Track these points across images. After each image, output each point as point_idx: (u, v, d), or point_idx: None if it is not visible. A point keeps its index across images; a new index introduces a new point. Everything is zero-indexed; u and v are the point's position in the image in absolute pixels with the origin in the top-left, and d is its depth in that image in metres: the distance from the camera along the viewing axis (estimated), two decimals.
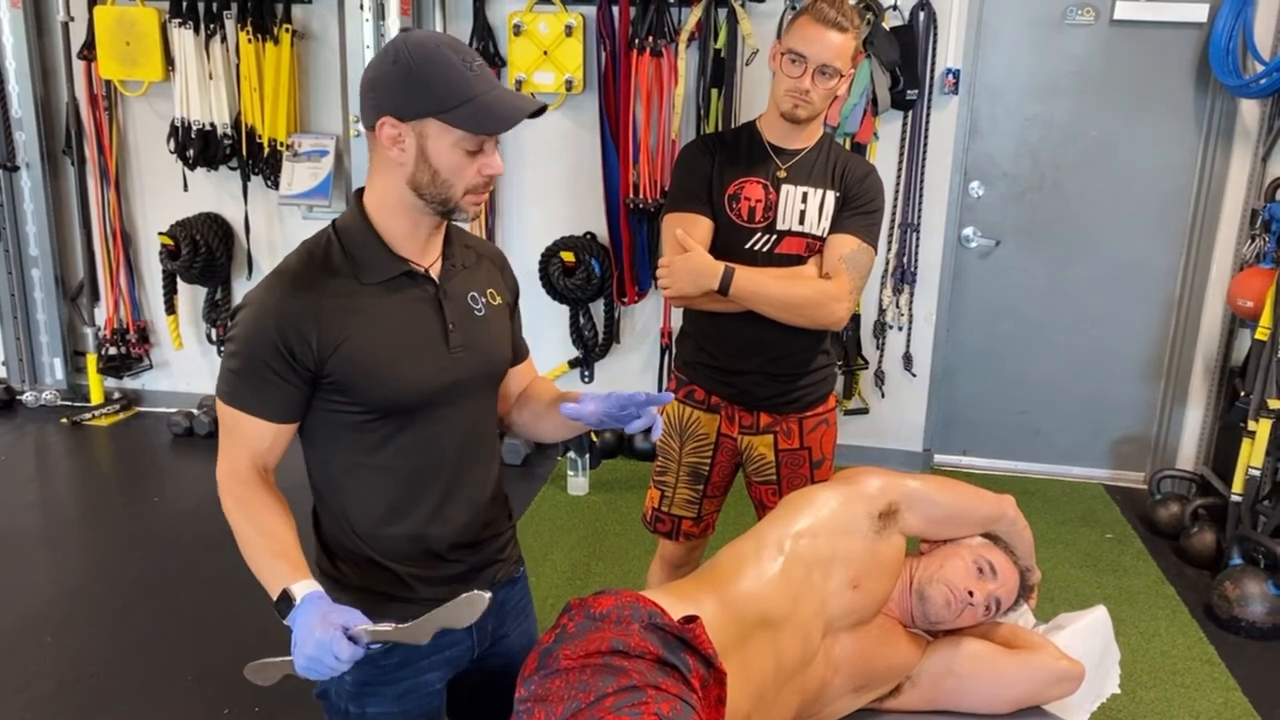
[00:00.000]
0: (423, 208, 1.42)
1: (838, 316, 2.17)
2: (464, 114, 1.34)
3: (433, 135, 1.35)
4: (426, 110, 1.34)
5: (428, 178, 1.38)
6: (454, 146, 1.36)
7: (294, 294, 1.40)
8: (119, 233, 4.62)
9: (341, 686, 1.54)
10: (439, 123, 1.34)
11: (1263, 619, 3.09)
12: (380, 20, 4.04)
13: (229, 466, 1.47)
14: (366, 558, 1.51)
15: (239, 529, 1.46)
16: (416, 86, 1.34)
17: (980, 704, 1.92)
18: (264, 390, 1.41)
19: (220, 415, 1.47)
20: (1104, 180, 4.08)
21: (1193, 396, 4.17)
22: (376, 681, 1.53)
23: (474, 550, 1.58)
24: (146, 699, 2.63)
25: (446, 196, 1.40)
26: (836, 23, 2.06)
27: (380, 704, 1.54)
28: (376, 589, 1.51)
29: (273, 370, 1.39)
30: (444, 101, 1.33)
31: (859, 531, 1.84)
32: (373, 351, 1.41)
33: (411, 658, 1.53)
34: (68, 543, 3.59)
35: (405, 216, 1.43)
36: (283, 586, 1.39)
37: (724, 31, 3.94)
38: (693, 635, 1.51)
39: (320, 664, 1.34)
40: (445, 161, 1.37)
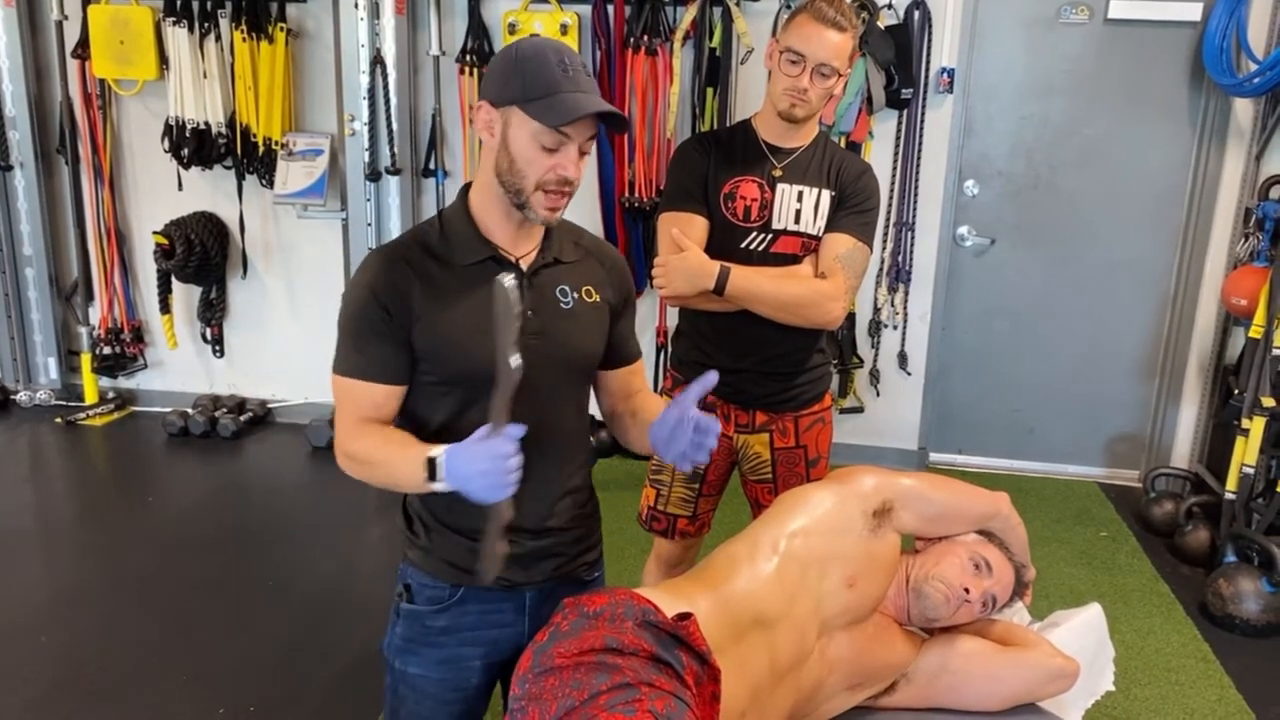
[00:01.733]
0: (504, 199, 1.49)
1: (833, 316, 2.17)
2: (540, 106, 1.41)
3: (514, 124, 1.44)
4: (512, 98, 1.43)
5: (506, 165, 1.46)
6: (532, 138, 1.43)
7: (390, 265, 1.50)
8: (113, 232, 4.61)
9: (393, 640, 1.64)
10: (521, 112, 1.43)
11: (1256, 616, 3.10)
12: (375, 19, 4.04)
13: (342, 433, 1.53)
14: (438, 523, 1.59)
15: (365, 462, 1.50)
16: (511, 77, 1.44)
17: (975, 701, 1.92)
18: (370, 354, 1.49)
19: (335, 392, 1.53)
20: (1098, 179, 4.09)
21: (1187, 395, 4.18)
22: (420, 641, 1.61)
23: (536, 537, 1.61)
24: (141, 699, 2.63)
25: (519, 187, 1.46)
26: (835, 22, 2.06)
27: (420, 665, 1.62)
28: (442, 554, 1.59)
29: (375, 333, 1.47)
30: (528, 92, 1.42)
31: (854, 530, 1.84)
32: (451, 326, 1.48)
33: (456, 626, 1.60)
34: (62, 543, 3.58)
35: (496, 205, 1.51)
36: (423, 458, 1.42)
37: (719, 30, 3.94)
38: (686, 632, 1.51)
39: (496, 469, 1.35)
40: (521, 151, 1.44)
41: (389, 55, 4.08)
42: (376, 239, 4.25)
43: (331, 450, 1.56)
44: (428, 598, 1.60)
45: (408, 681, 1.63)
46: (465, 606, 1.59)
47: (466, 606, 1.59)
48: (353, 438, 1.51)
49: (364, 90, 4.09)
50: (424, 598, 1.60)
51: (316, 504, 3.93)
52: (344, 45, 4.10)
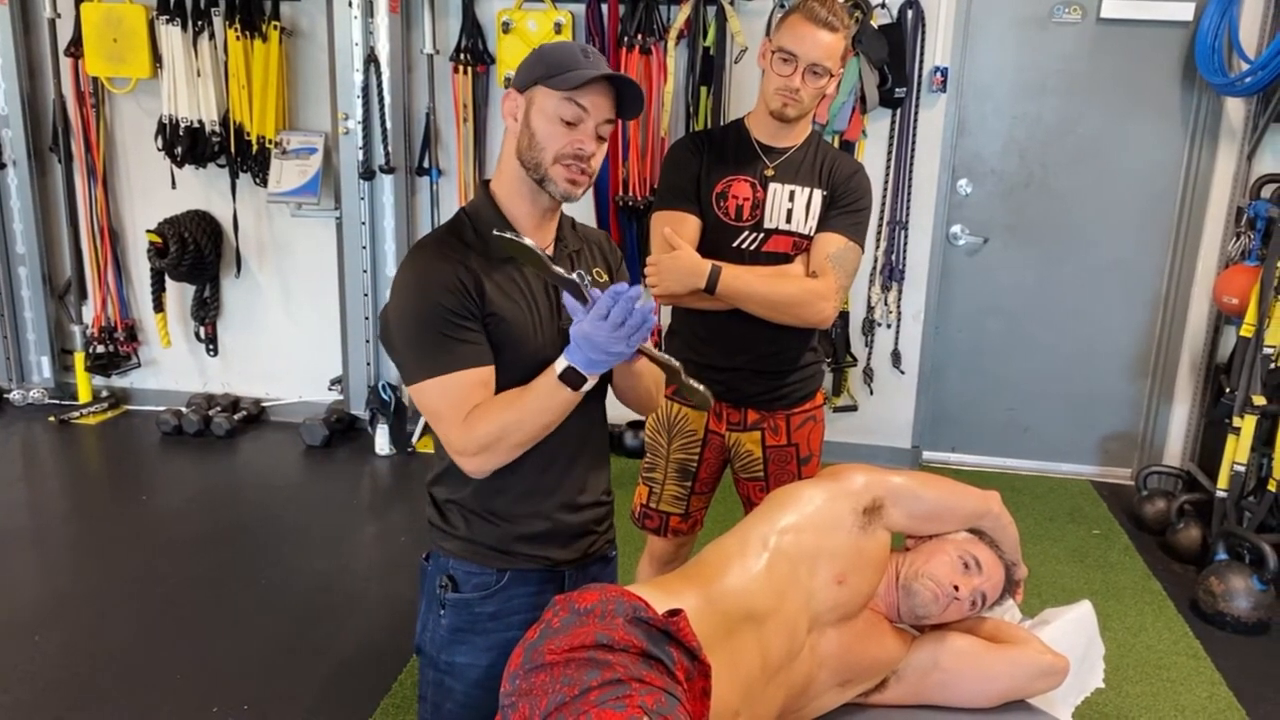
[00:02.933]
0: (527, 181, 1.55)
1: (824, 315, 2.17)
2: (559, 79, 1.50)
3: (537, 100, 1.53)
4: (536, 78, 1.53)
5: (526, 142, 1.53)
6: (553, 113, 1.51)
7: (442, 255, 1.54)
8: (106, 230, 4.61)
9: (437, 634, 1.66)
10: (543, 88, 1.52)
11: (1247, 614, 3.11)
12: (369, 17, 4.04)
13: (459, 437, 1.51)
14: (476, 511, 1.62)
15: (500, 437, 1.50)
16: (536, 62, 1.54)
17: (966, 698, 1.93)
18: (460, 341, 1.51)
19: (426, 399, 1.53)
20: (1091, 178, 4.10)
21: (1179, 393, 4.19)
22: (468, 629, 1.64)
23: (575, 512, 1.68)
24: (135, 698, 2.63)
25: (538, 160, 1.53)
26: (827, 22, 2.06)
27: (468, 654, 1.65)
28: (486, 541, 1.63)
29: (459, 317, 1.50)
30: (549, 69, 1.51)
31: (844, 527, 1.85)
32: (512, 316, 1.54)
33: (504, 611, 1.64)
34: (55, 542, 3.58)
35: (521, 195, 1.58)
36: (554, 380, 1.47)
37: (713, 29, 3.95)
38: (677, 628, 1.51)
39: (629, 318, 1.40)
40: (542, 126, 1.52)
41: (383, 53, 4.07)
42: (370, 238, 4.25)
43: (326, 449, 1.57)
44: (475, 585, 1.63)
45: (455, 673, 1.66)
46: (511, 591, 1.64)
47: (512, 590, 1.64)
48: (469, 431, 1.50)
49: (358, 89, 4.08)
50: (471, 585, 1.63)
51: (310, 503, 3.92)
52: (338, 43, 4.09)
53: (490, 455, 1.52)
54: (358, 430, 4.50)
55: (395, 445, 4.33)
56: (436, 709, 1.70)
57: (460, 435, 1.51)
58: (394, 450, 4.32)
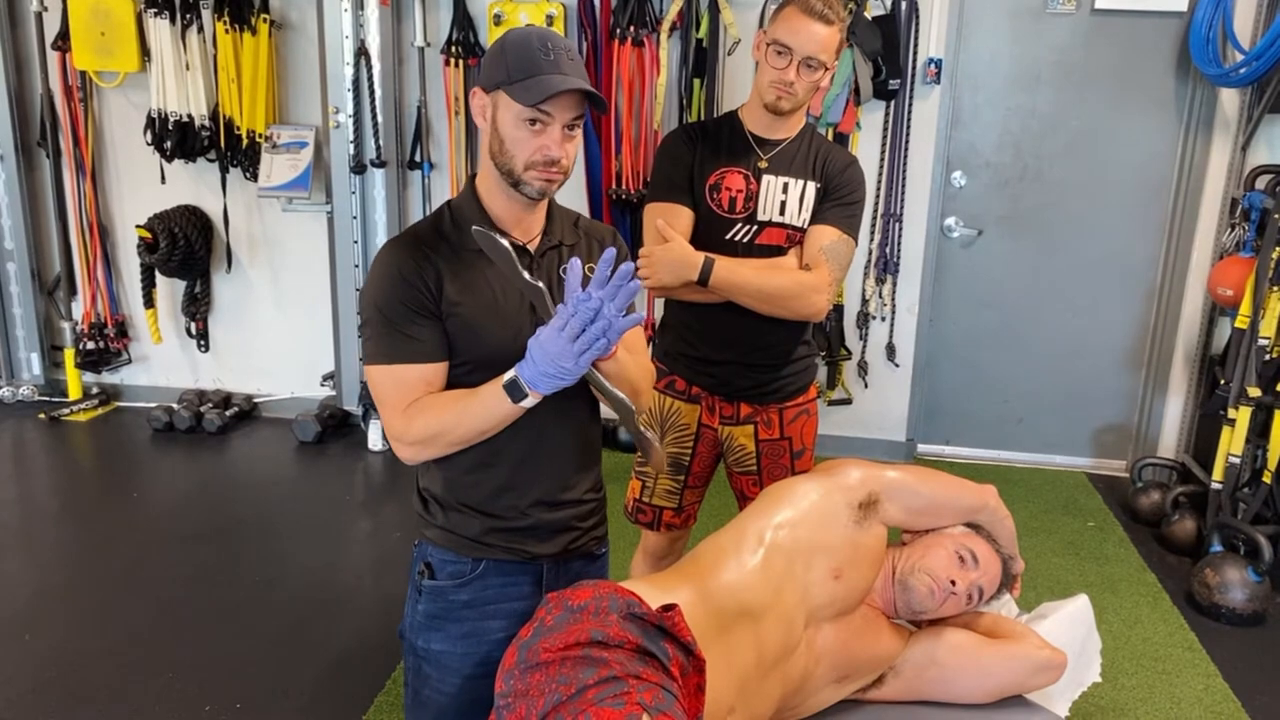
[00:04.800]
0: (503, 181, 1.54)
1: (817, 308, 2.16)
2: (520, 87, 1.47)
3: (501, 105, 1.50)
4: (499, 82, 1.49)
5: (497, 146, 1.52)
6: (517, 119, 1.49)
7: (413, 248, 1.55)
8: (95, 225, 4.58)
9: (415, 619, 1.67)
10: (505, 94, 1.49)
11: (1243, 605, 3.11)
12: (359, 10, 4.01)
13: (397, 424, 1.54)
14: (454, 503, 1.64)
15: (438, 433, 1.52)
16: (499, 61, 1.50)
17: (963, 694, 1.92)
18: (416, 336, 1.52)
19: (374, 383, 1.55)
20: (1085, 170, 4.09)
21: (1173, 385, 4.19)
22: (443, 616, 1.65)
23: (551, 510, 1.66)
24: (127, 697, 2.61)
25: (510, 167, 1.52)
26: (822, 15, 2.05)
27: (443, 640, 1.65)
28: (461, 531, 1.64)
29: (412, 311, 1.51)
30: (511, 74, 1.48)
31: (839, 522, 1.84)
32: (473, 310, 1.54)
33: (479, 600, 1.64)
34: (46, 540, 3.56)
35: (498, 188, 1.56)
36: (499, 390, 1.46)
37: (706, 21, 3.93)
38: (671, 623, 1.50)
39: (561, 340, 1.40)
40: (509, 132, 1.50)
41: (373, 47, 4.05)
42: (362, 232, 4.23)
43: (318, 444, 1.57)
44: (449, 573, 1.64)
45: (431, 659, 1.66)
46: (486, 580, 1.64)
47: (487, 580, 1.64)
48: (409, 421, 1.52)
49: (348, 82, 4.06)
50: (446, 573, 1.64)
51: (303, 499, 3.91)
52: (328, 37, 4.06)
53: (423, 449, 1.55)
54: (350, 426, 4.48)
55: (388, 441, 4.29)
56: (415, 694, 1.71)
57: (399, 424, 1.54)
58: (387, 446, 4.29)
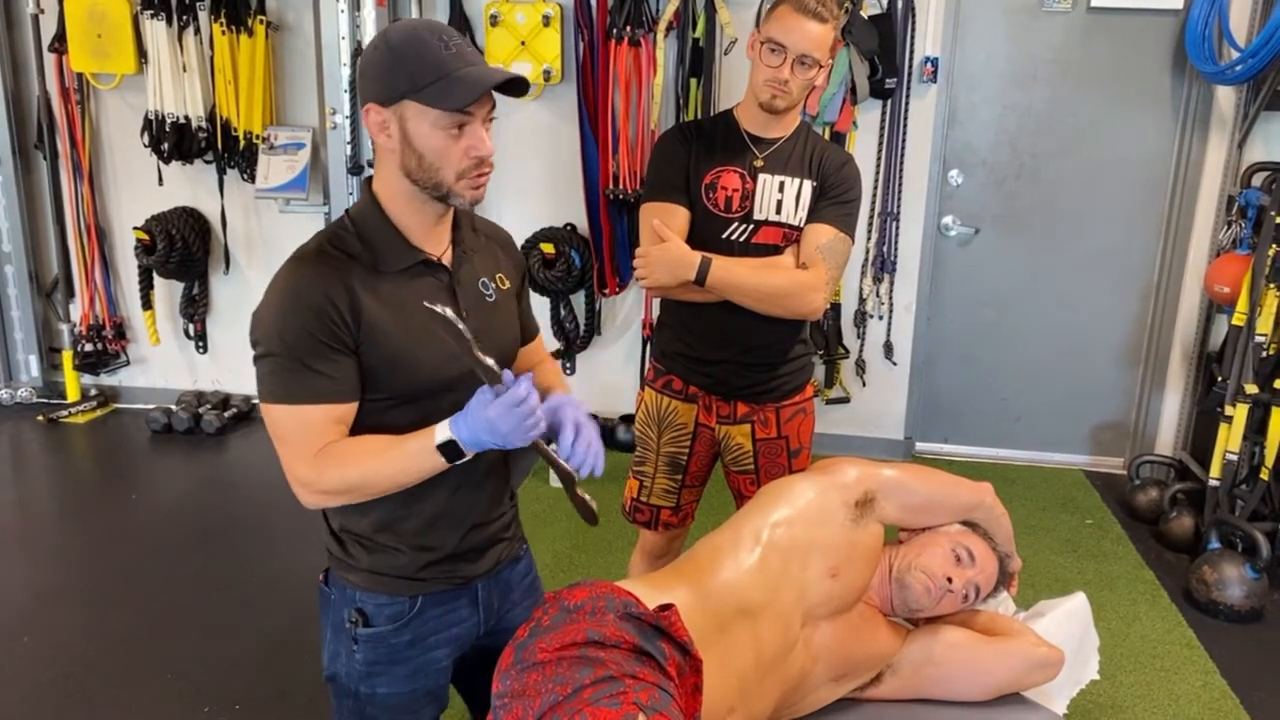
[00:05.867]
0: (421, 195, 1.40)
1: (814, 306, 2.16)
2: (435, 91, 1.32)
3: (411, 117, 1.34)
4: (402, 91, 1.33)
5: (415, 163, 1.37)
6: (433, 127, 1.34)
7: (319, 272, 1.38)
8: (93, 228, 4.57)
9: (352, 667, 1.56)
10: (415, 104, 1.33)
11: (1240, 602, 3.11)
12: (355, 11, 4.01)
13: (304, 471, 1.40)
14: (379, 542, 1.53)
15: (355, 487, 1.41)
16: (394, 69, 1.33)
17: (960, 692, 1.92)
18: (326, 372, 1.36)
19: (274, 422, 1.39)
20: (1082, 168, 4.09)
21: (1171, 382, 4.19)
22: (387, 660, 1.55)
23: (481, 530, 1.60)
24: (126, 698, 2.61)
25: (437, 181, 1.38)
26: (816, 13, 2.05)
27: (390, 683, 1.56)
28: (392, 570, 1.53)
29: (323, 345, 1.35)
30: (417, 81, 1.32)
31: (836, 520, 1.84)
32: (393, 338, 1.40)
33: (421, 635, 1.56)
34: (45, 542, 3.56)
35: (410, 205, 1.42)
36: (431, 446, 1.36)
37: (702, 20, 3.93)
38: (668, 623, 1.50)
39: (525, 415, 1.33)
40: (428, 144, 1.35)
41: None
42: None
43: None
44: (387, 616, 1.54)
45: (376, 703, 1.58)
46: (425, 614, 1.56)
47: (426, 614, 1.56)
48: (320, 470, 1.39)
49: (345, 83, 4.05)
50: (383, 617, 1.54)
51: None
52: (324, 37, 4.05)
53: (333, 499, 1.43)
54: None
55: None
56: None
57: (307, 471, 1.39)
58: None
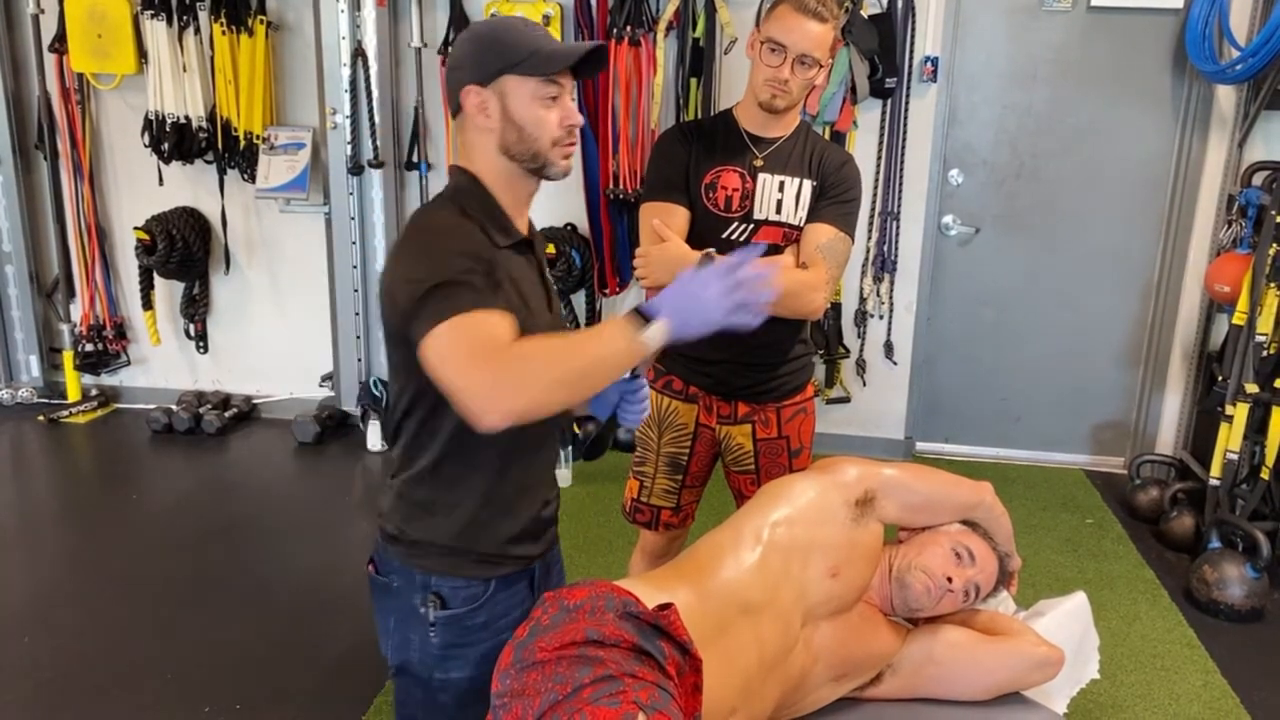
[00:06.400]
0: (519, 172, 1.51)
1: (815, 306, 2.16)
2: (532, 63, 1.45)
3: (510, 91, 1.47)
4: (500, 68, 1.46)
5: (514, 136, 1.48)
6: (532, 98, 1.47)
7: (461, 221, 1.47)
8: (94, 228, 4.57)
9: (427, 653, 1.58)
10: (514, 77, 1.46)
11: (1241, 602, 3.11)
12: (355, 11, 4.01)
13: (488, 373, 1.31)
14: (458, 523, 1.54)
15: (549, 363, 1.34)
16: (488, 51, 1.47)
17: (961, 691, 1.93)
18: (476, 291, 1.37)
19: (440, 346, 1.33)
20: (1082, 167, 4.09)
21: (1171, 382, 4.19)
22: (461, 644, 1.57)
23: (547, 506, 1.67)
24: (126, 698, 2.61)
25: (535, 151, 1.49)
26: (816, 12, 2.05)
27: (463, 667, 1.58)
28: (464, 550, 1.56)
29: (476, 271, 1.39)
30: (513, 56, 1.46)
31: (836, 520, 1.84)
32: (515, 305, 1.46)
33: (493, 618, 1.58)
34: (45, 542, 3.56)
35: (509, 184, 1.52)
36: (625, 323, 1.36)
37: (702, 20, 3.93)
38: (667, 622, 1.50)
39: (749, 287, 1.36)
40: (526, 115, 1.47)
41: (370, 47, 4.05)
42: (360, 233, 4.23)
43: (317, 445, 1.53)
44: (464, 599, 1.57)
45: (451, 689, 1.59)
46: (497, 596, 1.59)
47: (497, 596, 1.59)
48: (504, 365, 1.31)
49: (345, 83, 4.06)
50: (460, 599, 1.56)
51: (302, 500, 3.91)
52: (324, 38, 4.07)
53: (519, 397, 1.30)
54: (349, 426, 4.48)
55: (387, 441, 4.29)
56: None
57: (487, 373, 1.30)
58: (386, 446, 4.29)
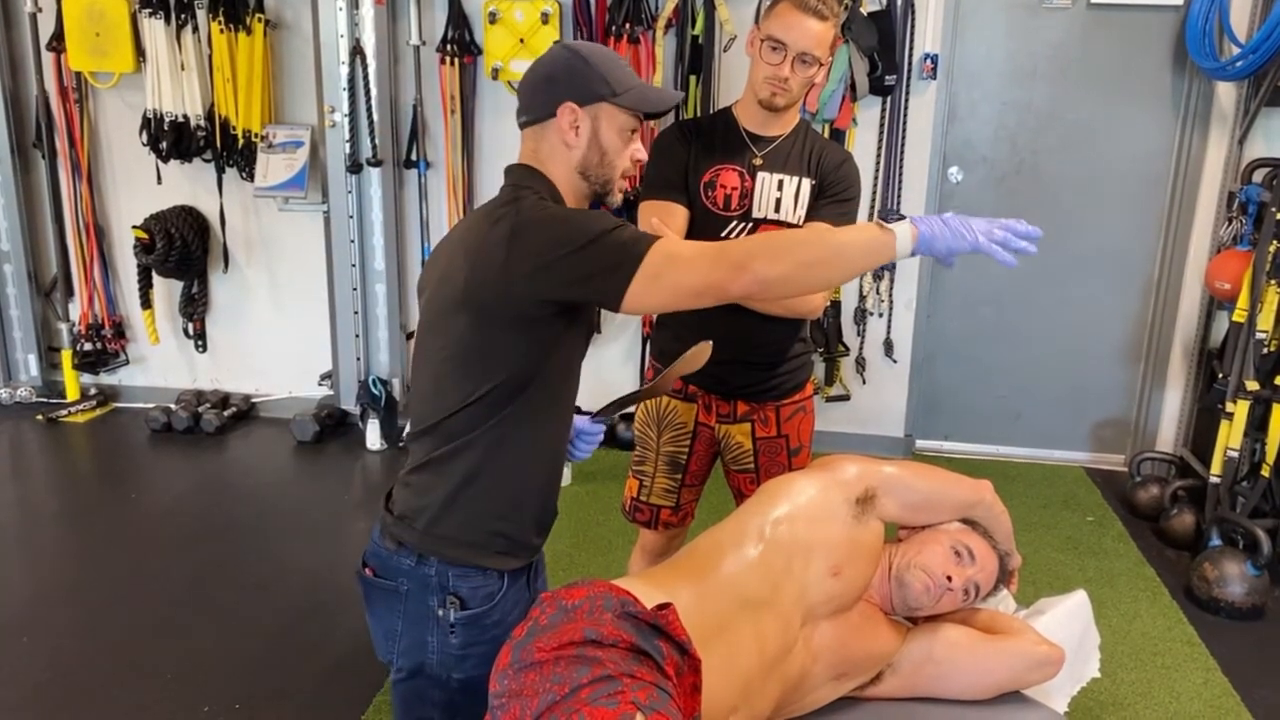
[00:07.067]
0: (585, 191, 1.60)
1: (814, 305, 2.16)
2: (632, 98, 1.55)
3: (605, 118, 1.56)
4: (601, 95, 1.54)
5: (597, 159, 1.57)
6: (620, 130, 1.57)
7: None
8: (92, 227, 4.57)
9: (446, 654, 1.58)
10: (611, 106, 1.55)
11: (1241, 599, 3.11)
12: (354, 9, 4.00)
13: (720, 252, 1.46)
14: (492, 509, 1.56)
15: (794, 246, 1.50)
16: (593, 76, 1.54)
17: (961, 690, 1.92)
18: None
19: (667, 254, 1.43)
20: (1082, 164, 4.09)
21: (1171, 379, 4.19)
22: (479, 641, 1.58)
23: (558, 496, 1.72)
24: (126, 698, 2.61)
25: (609, 178, 1.59)
26: (817, 10, 2.04)
27: (477, 665, 1.57)
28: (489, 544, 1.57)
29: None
30: (615, 88, 1.54)
31: (837, 518, 1.83)
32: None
33: (504, 614, 1.59)
34: (44, 541, 3.56)
35: (577, 200, 1.61)
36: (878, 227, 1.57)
37: (701, 18, 3.92)
38: (666, 622, 1.49)
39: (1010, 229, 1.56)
40: (613, 143, 1.57)
41: (368, 45, 4.04)
42: (359, 231, 4.22)
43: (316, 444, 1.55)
44: (482, 597, 1.57)
45: (469, 689, 1.58)
46: (508, 593, 1.60)
47: (508, 592, 1.60)
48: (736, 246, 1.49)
49: (344, 81, 4.05)
50: (479, 598, 1.57)
51: (301, 499, 3.91)
52: (323, 36, 4.06)
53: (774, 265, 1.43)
54: (348, 425, 4.48)
55: (386, 440, 4.30)
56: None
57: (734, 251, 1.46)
58: (385, 445, 4.29)
